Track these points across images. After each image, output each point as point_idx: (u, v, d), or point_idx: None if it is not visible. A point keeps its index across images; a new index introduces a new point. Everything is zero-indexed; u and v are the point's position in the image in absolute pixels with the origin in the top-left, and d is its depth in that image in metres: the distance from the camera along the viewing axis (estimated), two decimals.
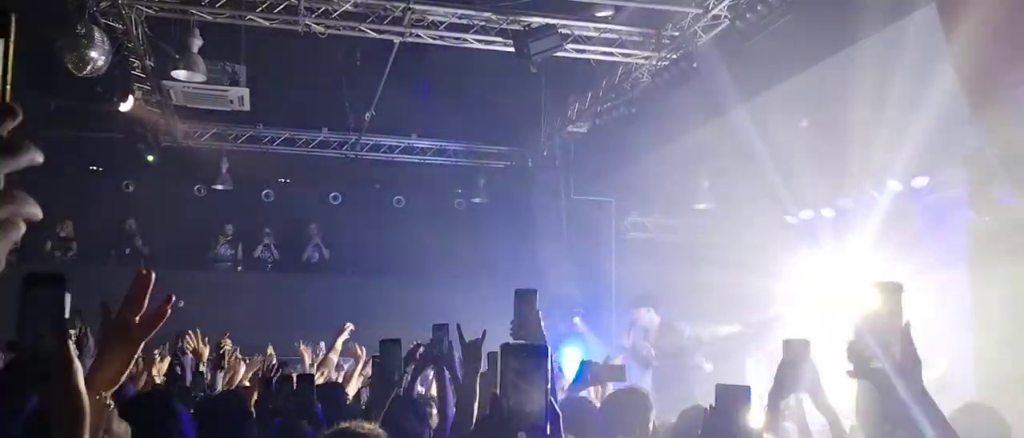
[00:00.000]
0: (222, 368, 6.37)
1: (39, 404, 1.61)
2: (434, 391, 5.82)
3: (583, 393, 5.30)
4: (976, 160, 7.31)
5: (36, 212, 0.96)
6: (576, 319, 13.12)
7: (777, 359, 3.19)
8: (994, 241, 7.17)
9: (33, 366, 1.55)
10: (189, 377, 5.98)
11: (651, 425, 4.21)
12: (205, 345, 6.51)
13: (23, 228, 0.94)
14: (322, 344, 8.23)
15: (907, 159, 9.14)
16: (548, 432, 1.77)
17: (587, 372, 5.25)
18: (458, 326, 3.89)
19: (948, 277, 8.34)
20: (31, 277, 1.56)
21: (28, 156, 0.90)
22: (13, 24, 0.93)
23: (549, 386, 1.84)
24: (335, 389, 5.34)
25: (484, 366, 3.65)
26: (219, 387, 6.15)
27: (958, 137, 7.36)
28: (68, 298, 1.57)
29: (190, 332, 6.56)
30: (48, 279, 1.57)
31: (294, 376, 4.47)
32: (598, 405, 4.96)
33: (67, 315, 1.57)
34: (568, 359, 10.05)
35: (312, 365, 7.26)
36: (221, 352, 6.55)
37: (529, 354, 1.83)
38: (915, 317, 2.19)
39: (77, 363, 1.57)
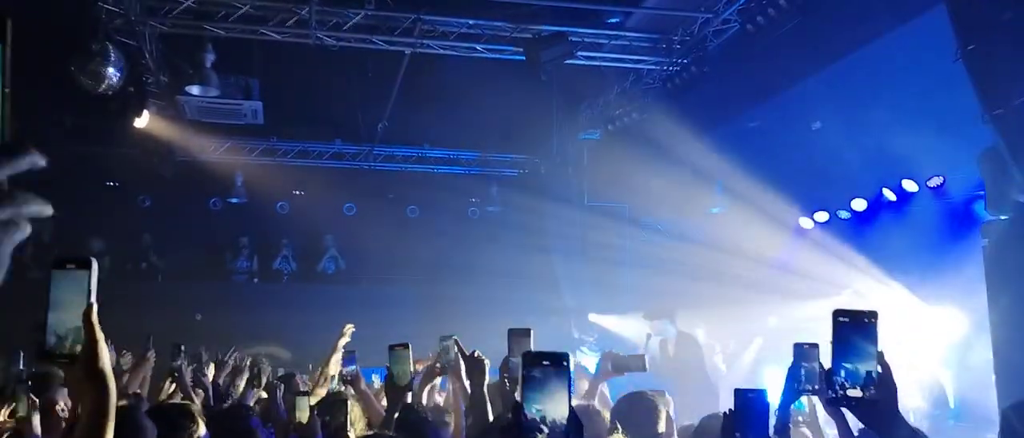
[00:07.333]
0: (255, 385, 6.28)
1: (65, 382, 1.61)
2: (442, 400, 5.86)
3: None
4: (991, 158, 7.25)
5: (42, 210, 0.94)
6: (583, 349, 12.71)
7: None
8: (1010, 240, 7.11)
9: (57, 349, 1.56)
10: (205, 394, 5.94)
11: (661, 427, 4.18)
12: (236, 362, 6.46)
13: (28, 229, 0.93)
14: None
15: (922, 159, 9.11)
16: None
17: (607, 362, 4.95)
18: (456, 341, 3.94)
19: (964, 278, 8.29)
20: (59, 260, 1.58)
21: (29, 159, 0.89)
22: (8, 28, 0.92)
23: (570, 394, 1.86)
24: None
25: (491, 377, 3.65)
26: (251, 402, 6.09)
27: (973, 135, 7.32)
28: (94, 277, 1.58)
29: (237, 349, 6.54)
30: (75, 261, 1.59)
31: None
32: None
33: (94, 295, 1.58)
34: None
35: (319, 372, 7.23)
36: (255, 369, 6.47)
37: (551, 362, 1.86)
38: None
39: (103, 342, 1.58)
